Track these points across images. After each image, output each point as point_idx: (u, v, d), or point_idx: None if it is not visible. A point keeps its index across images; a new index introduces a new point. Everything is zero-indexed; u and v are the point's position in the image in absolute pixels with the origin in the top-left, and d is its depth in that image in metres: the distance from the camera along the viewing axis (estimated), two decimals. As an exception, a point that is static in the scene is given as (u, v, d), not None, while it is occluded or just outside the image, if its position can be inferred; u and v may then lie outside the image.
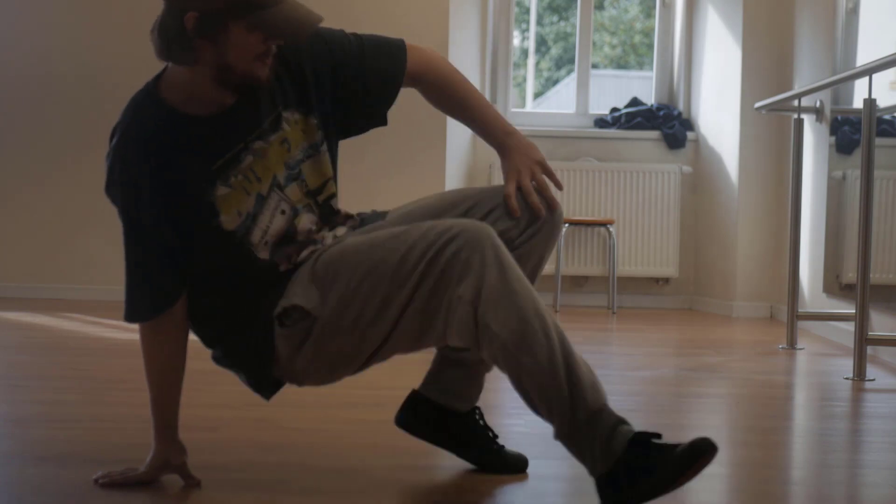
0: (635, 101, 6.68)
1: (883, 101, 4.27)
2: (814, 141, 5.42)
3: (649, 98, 6.75)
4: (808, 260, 5.44)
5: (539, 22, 12.62)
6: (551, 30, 13.21)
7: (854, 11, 5.13)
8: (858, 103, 4.12)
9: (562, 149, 6.47)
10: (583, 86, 6.67)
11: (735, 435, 3.03)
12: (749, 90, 6.00)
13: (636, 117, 6.52)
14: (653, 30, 6.91)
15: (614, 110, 6.67)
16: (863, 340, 3.95)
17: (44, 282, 6.21)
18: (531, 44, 12.02)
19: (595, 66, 7.38)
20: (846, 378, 3.93)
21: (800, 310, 4.91)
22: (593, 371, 2.08)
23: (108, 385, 3.50)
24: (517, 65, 10.64)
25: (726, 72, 6.18)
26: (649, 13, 10.89)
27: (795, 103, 4.97)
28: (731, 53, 6.13)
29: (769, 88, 5.91)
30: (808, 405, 3.58)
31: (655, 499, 2.02)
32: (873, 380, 3.90)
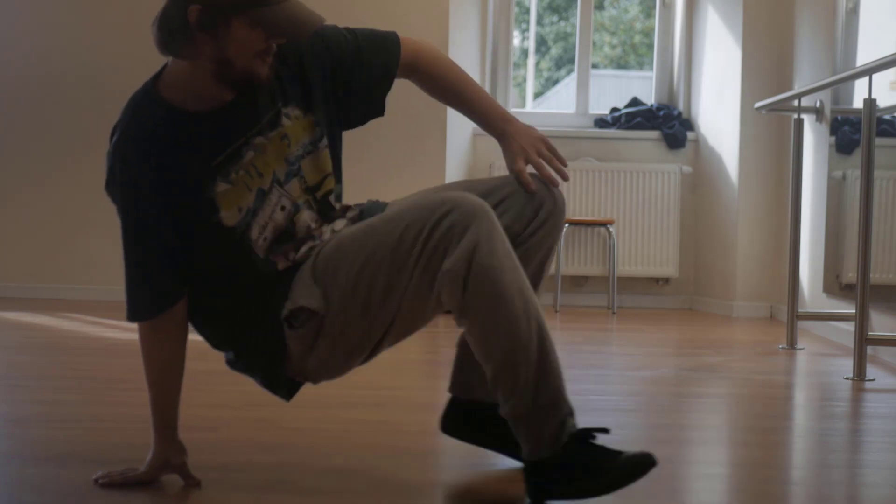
0: (635, 101, 6.68)
1: (883, 101, 4.27)
2: (814, 141, 5.42)
3: (649, 98, 6.75)
4: (808, 260, 5.44)
5: (539, 22, 12.62)
6: (551, 30, 13.20)
7: (854, 11, 5.13)
8: (858, 103, 4.12)
9: (562, 149, 6.47)
10: (583, 86, 6.67)
11: (735, 435, 3.03)
12: (749, 90, 6.00)
13: (636, 117, 6.52)
14: (653, 30, 6.91)
15: (614, 110, 6.67)
16: (863, 340, 3.95)
17: (44, 282, 6.21)
18: (531, 44, 12.01)
19: (595, 66, 7.38)
20: (846, 378, 3.93)
21: (800, 310, 4.91)
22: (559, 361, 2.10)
23: (108, 385, 3.50)
24: (517, 65, 10.64)
25: (726, 72, 6.18)
26: (649, 13, 10.89)
27: (795, 103, 4.97)
28: (731, 53, 6.13)
29: (769, 88, 5.91)
30: (808, 405, 3.58)
31: (580, 500, 2.03)
32: (873, 380, 3.90)
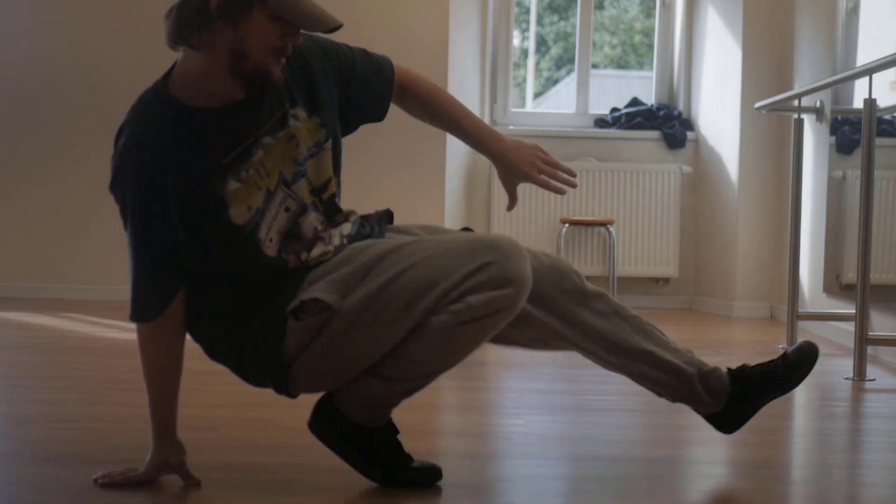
0: (635, 101, 6.68)
1: (883, 101, 4.27)
2: (814, 141, 5.42)
3: (649, 98, 6.75)
4: (808, 260, 5.44)
5: (539, 22, 12.62)
6: (551, 30, 13.21)
7: (854, 11, 5.13)
8: (858, 103, 4.12)
9: (562, 149, 6.47)
10: (583, 86, 6.67)
11: (735, 435, 3.03)
12: (749, 90, 6.00)
13: (636, 117, 6.51)
14: (653, 30, 6.91)
15: (614, 110, 6.67)
16: (863, 340, 3.95)
17: (44, 282, 6.21)
18: (531, 44, 12.02)
19: (595, 66, 7.38)
20: (846, 378, 3.93)
21: (800, 310, 4.91)
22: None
23: (108, 385, 3.50)
24: (517, 65, 10.64)
25: (726, 72, 6.18)
26: (649, 13, 10.89)
27: (795, 103, 4.97)
28: (731, 53, 6.12)
29: (769, 88, 5.91)
30: (808, 405, 3.58)
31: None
32: (873, 380, 3.90)
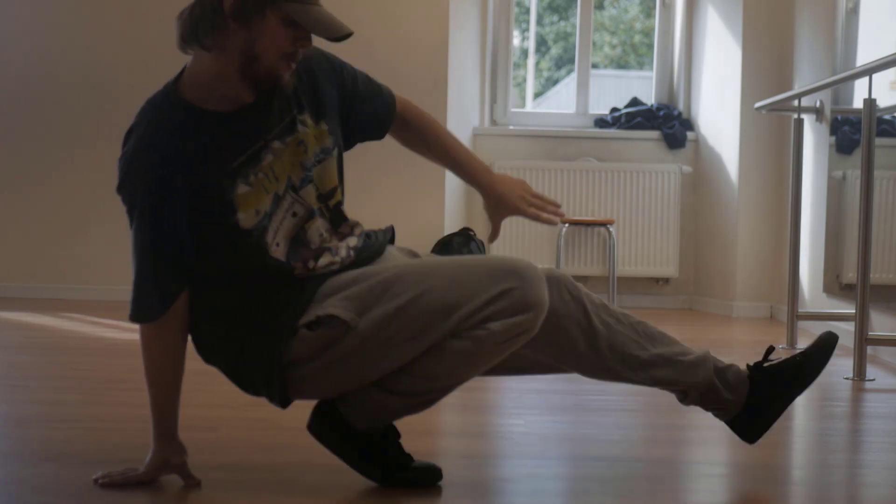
0: (635, 101, 6.68)
1: (883, 101, 4.27)
2: (814, 141, 5.42)
3: (649, 98, 6.75)
4: (808, 260, 5.44)
5: (539, 22, 12.61)
6: (551, 30, 13.20)
7: (854, 11, 5.13)
8: (858, 103, 4.12)
9: (562, 149, 6.47)
10: (583, 86, 6.67)
11: (735, 435, 3.03)
12: (749, 90, 6.00)
13: (636, 117, 6.51)
14: (653, 30, 6.91)
15: (614, 110, 6.66)
16: (863, 340, 3.95)
17: (44, 282, 6.21)
18: (531, 44, 12.01)
19: (595, 66, 7.38)
20: (846, 378, 3.93)
21: (800, 310, 4.91)
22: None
23: (108, 385, 3.50)
24: (517, 65, 10.64)
25: (726, 72, 6.18)
26: (649, 13, 10.89)
27: (795, 103, 4.97)
28: (731, 53, 6.12)
29: (769, 88, 5.91)
30: (808, 405, 3.58)
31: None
32: (873, 380, 3.90)
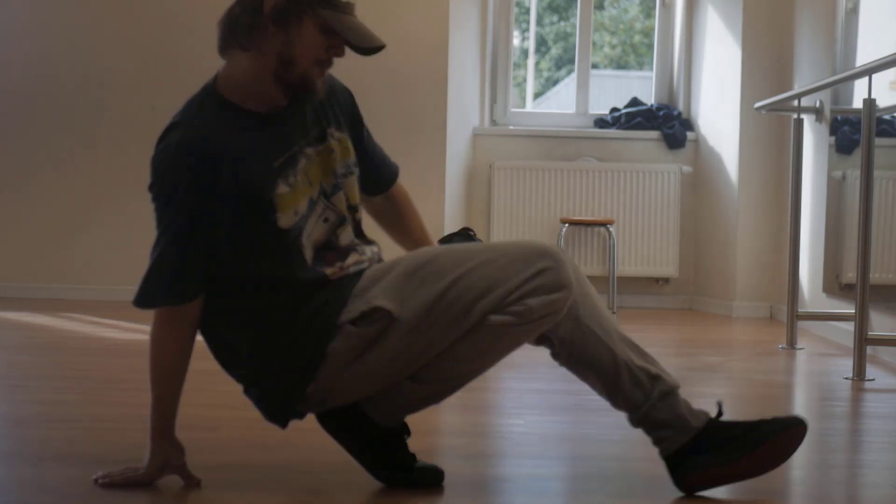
0: (635, 101, 6.68)
1: (883, 101, 4.27)
2: (814, 141, 5.42)
3: (649, 98, 6.75)
4: (808, 260, 5.44)
5: (539, 22, 12.62)
6: (551, 30, 13.21)
7: (854, 11, 5.13)
8: (858, 103, 4.12)
9: (562, 149, 6.47)
10: (583, 86, 6.67)
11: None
12: (749, 90, 6.00)
13: (636, 117, 6.51)
14: (653, 30, 6.91)
15: (614, 110, 6.66)
16: (863, 340, 3.95)
17: (44, 282, 6.21)
18: (531, 44, 12.01)
19: (595, 66, 7.38)
20: (846, 378, 3.93)
21: (800, 310, 4.91)
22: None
23: (108, 385, 3.50)
24: (517, 65, 10.64)
25: (726, 72, 6.18)
26: (649, 13, 10.89)
27: (795, 103, 4.97)
28: (731, 53, 6.12)
29: (769, 88, 5.91)
30: (808, 405, 3.58)
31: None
32: (873, 380, 3.90)
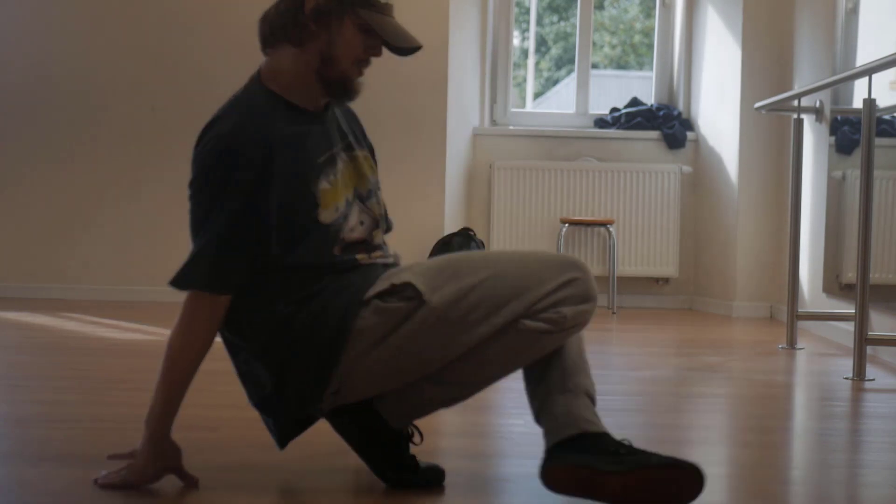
0: (635, 101, 6.68)
1: (883, 101, 4.27)
2: (814, 141, 5.42)
3: (649, 98, 6.75)
4: (808, 260, 5.44)
5: (539, 22, 12.62)
6: (551, 30, 13.21)
7: (854, 11, 5.13)
8: (858, 103, 4.12)
9: (562, 149, 6.47)
10: (583, 86, 6.67)
11: (735, 435, 3.03)
12: (749, 90, 6.00)
13: (636, 117, 6.51)
14: (653, 30, 6.91)
15: (614, 110, 6.66)
16: (863, 340, 3.95)
17: (44, 282, 6.21)
18: (531, 44, 12.01)
19: (595, 66, 7.38)
20: (846, 378, 3.93)
21: (800, 310, 4.91)
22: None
23: (108, 385, 3.50)
24: (517, 65, 10.64)
25: (726, 72, 6.18)
26: (649, 13, 10.89)
27: (795, 103, 4.97)
28: (731, 53, 6.12)
29: (769, 88, 5.91)
30: (808, 405, 3.58)
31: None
32: (873, 380, 3.90)
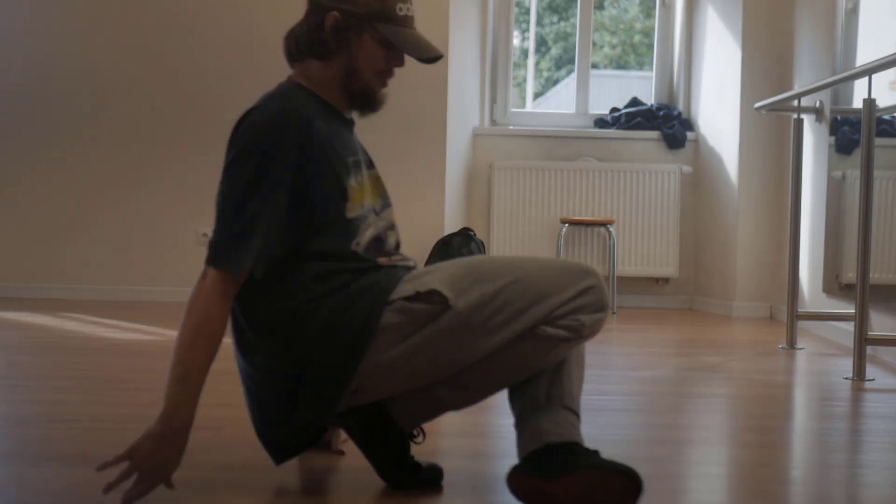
0: (635, 101, 6.68)
1: (882, 101, 4.27)
2: (813, 141, 5.42)
3: (649, 98, 6.75)
4: (808, 260, 5.44)
5: (539, 22, 12.61)
6: (551, 30, 13.20)
7: (854, 11, 5.13)
8: (858, 103, 4.12)
9: (562, 149, 6.47)
10: (583, 86, 6.67)
11: (735, 435, 3.03)
12: (749, 90, 6.00)
13: (636, 117, 6.51)
14: (653, 30, 6.91)
15: (614, 110, 6.67)
16: (862, 340, 3.95)
17: (44, 282, 6.21)
18: (531, 44, 12.00)
19: (595, 66, 7.37)
20: (846, 378, 3.93)
21: (799, 310, 4.91)
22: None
23: (108, 385, 3.50)
24: (517, 65, 10.64)
25: (726, 72, 6.18)
26: (649, 13, 10.89)
27: (795, 103, 4.97)
28: (731, 53, 6.13)
29: (769, 88, 5.91)
30: (808, 405, 3.58)
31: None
32: (873, 380, 3.90)
